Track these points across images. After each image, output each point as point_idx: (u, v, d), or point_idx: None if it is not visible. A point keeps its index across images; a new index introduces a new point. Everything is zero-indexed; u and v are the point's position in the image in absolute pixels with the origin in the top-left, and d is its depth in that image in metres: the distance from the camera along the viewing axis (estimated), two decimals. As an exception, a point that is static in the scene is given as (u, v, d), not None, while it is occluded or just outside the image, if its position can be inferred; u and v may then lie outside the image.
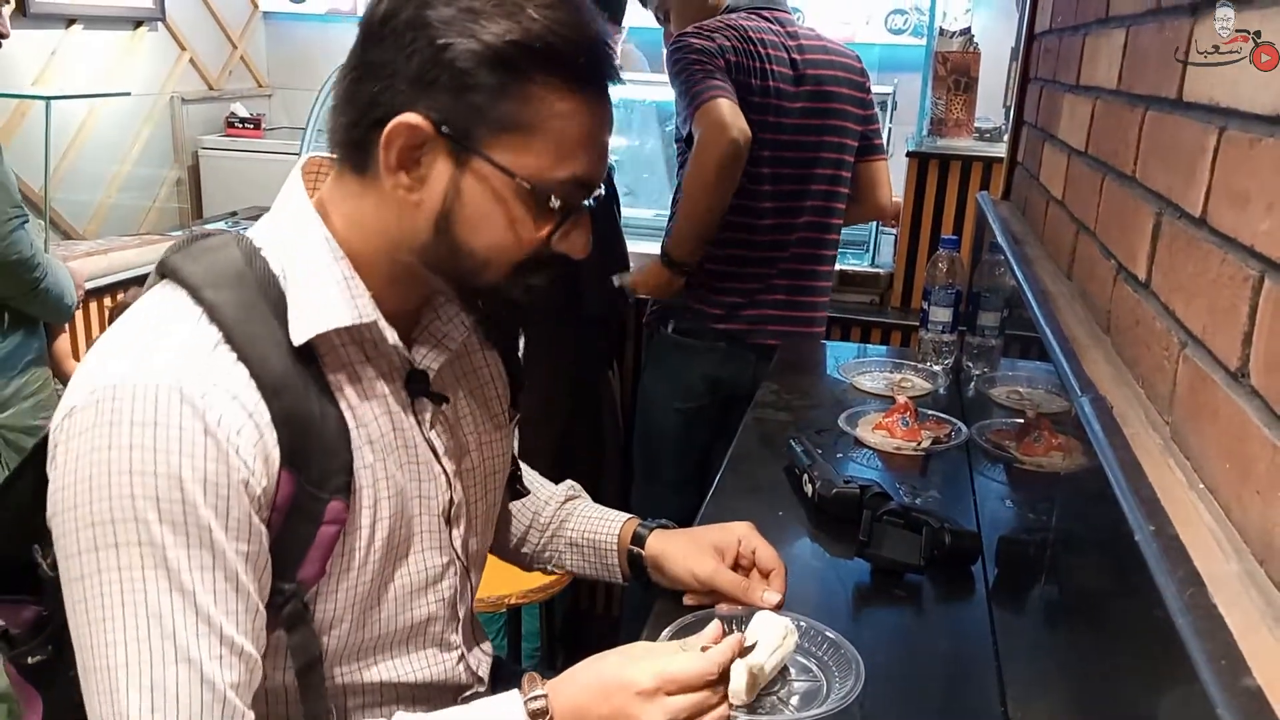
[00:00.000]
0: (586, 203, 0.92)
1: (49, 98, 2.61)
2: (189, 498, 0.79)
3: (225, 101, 4.07)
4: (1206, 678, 0.50)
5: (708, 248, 2.29)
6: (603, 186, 0.93)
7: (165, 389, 0.79)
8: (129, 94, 3.38)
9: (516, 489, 1.22)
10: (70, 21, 3.25)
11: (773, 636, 1.03)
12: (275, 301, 0.86)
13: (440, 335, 1.00)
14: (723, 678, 0.95)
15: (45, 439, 0.89)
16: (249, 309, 0.84)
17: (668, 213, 2.42)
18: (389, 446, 0.94)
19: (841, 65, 2.34)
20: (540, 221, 0.89)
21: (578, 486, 1.32)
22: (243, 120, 3.98)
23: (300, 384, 0.85)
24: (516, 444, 1.19)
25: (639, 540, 1.21)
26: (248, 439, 0.81)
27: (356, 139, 0.88)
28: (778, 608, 1.10)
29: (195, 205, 3.91)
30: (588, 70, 0.86)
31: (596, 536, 1.23)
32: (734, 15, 2.27)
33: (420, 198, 0.87)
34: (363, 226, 0.91)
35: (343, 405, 0.90)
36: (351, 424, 0.90)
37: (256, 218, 0.98)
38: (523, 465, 1.26)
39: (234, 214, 3.58)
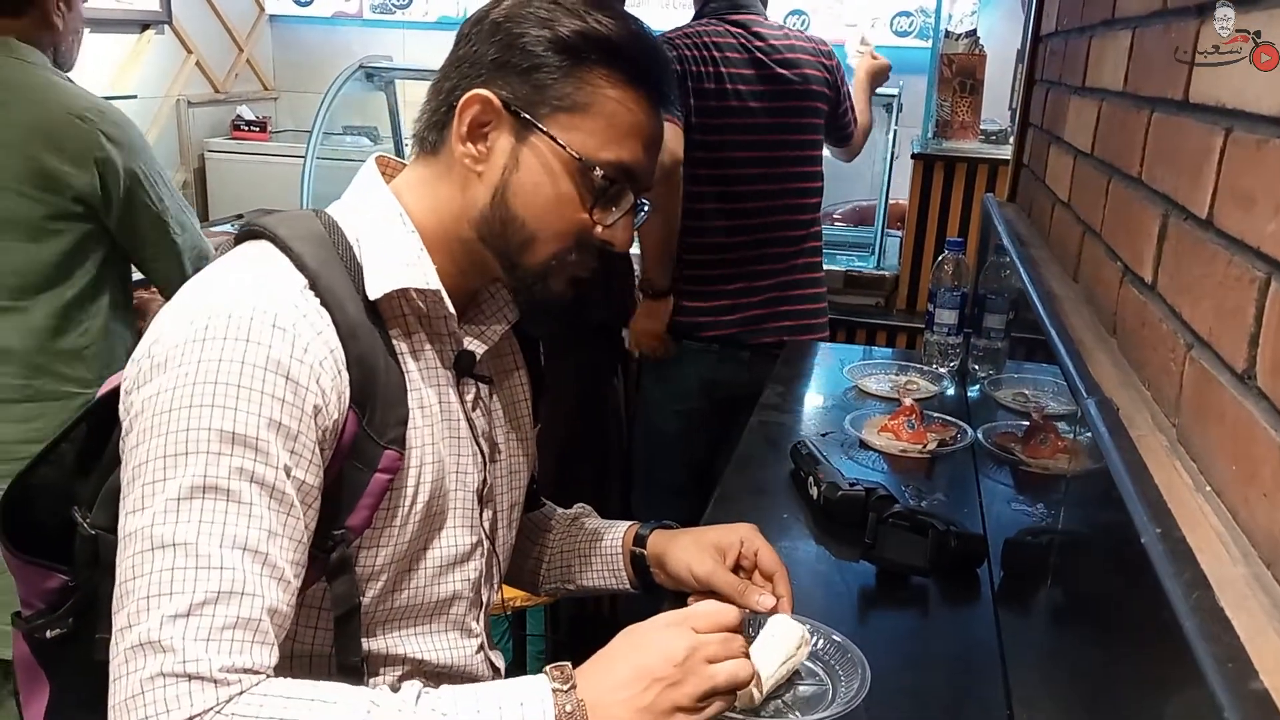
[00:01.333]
0: (637, 202, 0.99)
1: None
2: (264, 415, 0.82)
3: (231, 104, 4.08)
4: (1214, 681, 0.50)
5: (689, 252, 2.35)
6: None
7: (260, 312, 0.84)
8: (135, 97, 3.39)
9: (533, 498, 1.24)
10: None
11: (786, 645, 1.03)
12: (350, 265, 0.93)
13: (482, 329, 1.04)
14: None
15: (99, 402, 0.94)
16: (330, 264, 0.92)
17: None
18: (435, 416, 0.99)
19: (809, 62, 2.38)
20: (585, 198, 0.96)
21: (587, 507, 1.33)
22: (249, 123, 3.99)
23: (370, 335, 0.91)
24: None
25: (641, 541, 1.21)
26: (328, 371, 0.87)
27: (436, 121, 0.98)
28: (774, 611, 1.10)
29: (201, 208, 3.91)
30: (642, 68, 0.96)
31: (601, 544, 1.24)
32: (697, 23, 2.37)
33: (483, 169, 0.96)
34: (431, 201, 0.99)
35: (403, 366, 0.95)
36: (408, 385, 0.95)
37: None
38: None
39: (240, 216, 3.58)
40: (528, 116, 0.94)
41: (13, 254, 1.75)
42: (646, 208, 1.03)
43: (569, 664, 0.87)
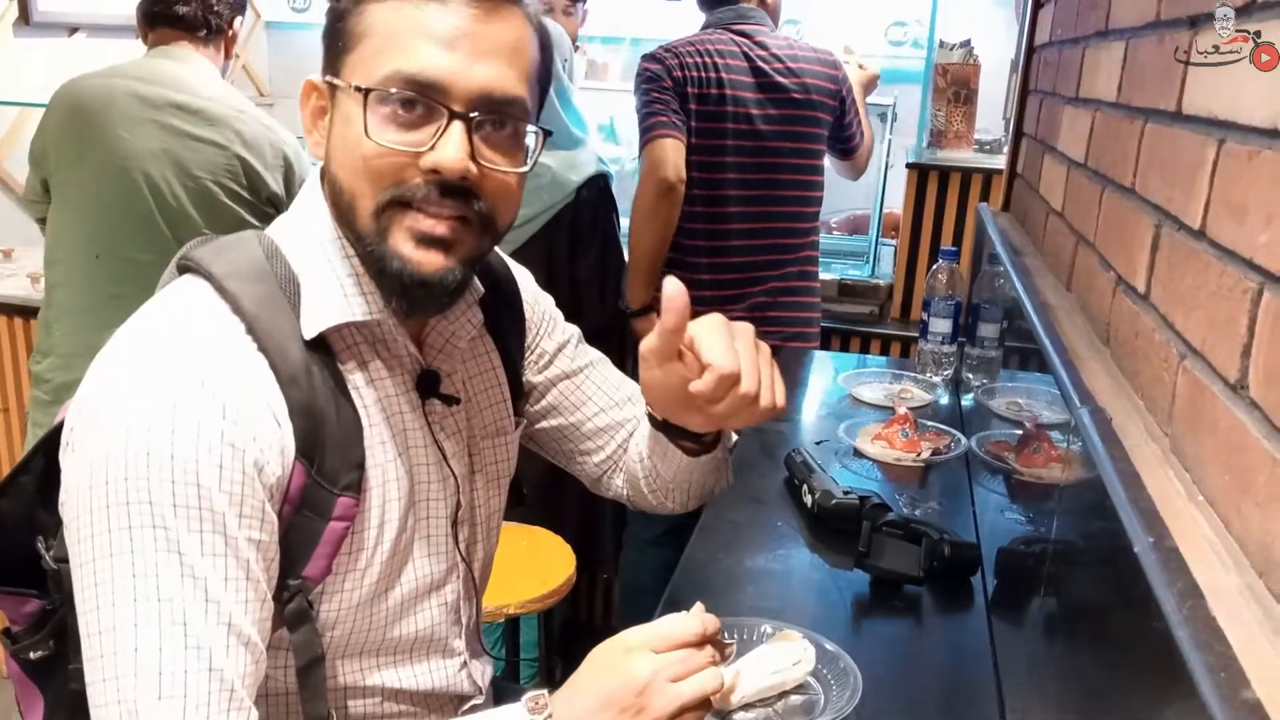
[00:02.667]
0: (451, 113, 0.85)
1: (51, 105, 2.61)
2: (204, 483, 0.79)
3: (227, 110, 4.07)
4: (1206, 690, 0.50)
5: (681, 257, 2.37)
6: (600, 191, 0.92)
7: (186, 374, 0.81)
8: (131, 102, 3.38)
9: (517, 496, 1.21)
10: (73, 30, 3.26)
11: (781, 658, 1.03)
12: (293, 297, 0.88)
13: (448, 335, 1.00)
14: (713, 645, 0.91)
15: (55, 431, 0.90)
16: (269, 303, 0.86)
17: None
18: (400, 448, 0.95)
19: (813, 72, 2.39)
20: (372, 125, 0.85)
21: (633, 402, 1.21)
22: (244, 129, 3.98)
23: (317, 378, 0.87)
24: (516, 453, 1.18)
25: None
26: (265, 428, 0.82)
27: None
28: (763, 404, 0.94)
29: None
30: None
31: (646, 440, 1.14)
32: (702, 32, 2.39)
33: (324, 152, 0.92)
34: (333, 213, 0.92)
35: (357, 404, 0.91)
36: (365, 423, 0.91)
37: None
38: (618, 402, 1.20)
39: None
40: (330, 79, 0.89)
41: None
42: (531, 133, 0.90)
43: (545, 692, 0.87)
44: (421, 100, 0.85)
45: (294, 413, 0.84)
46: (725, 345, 0.91)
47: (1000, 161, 2.52)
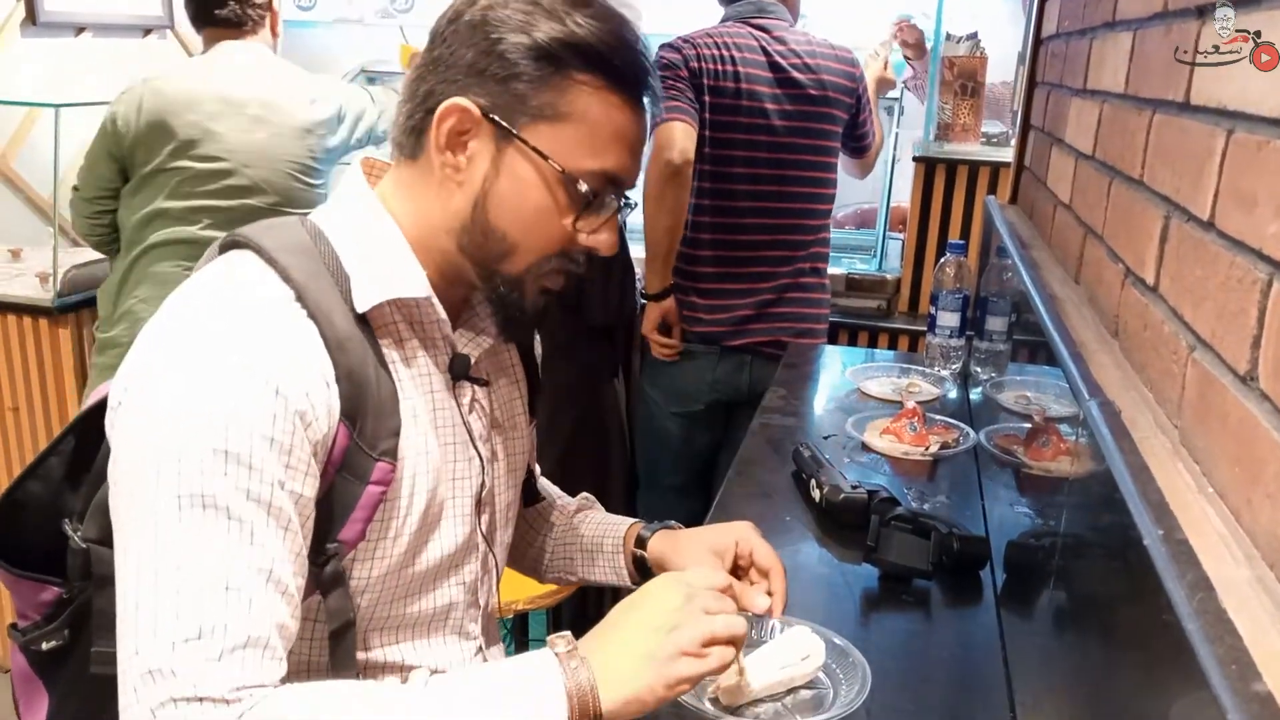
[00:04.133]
0: (619, 205, 0.97)
1: (58, 105, 2.61)
2: (258, 431, 0.81)
3: (233, 109, 4.08)
4: (1216, 683, 0.50)
5: (690, 250, 2.37)
6: None
7: (239, 333, 0.84)
8: (138, 101, 3.39)
9: (531, 494, 1.24)
10: (80, 30, 3.26)
11: (792, 653, 1.03)
12: (337, 275, 0.92)
13: (481, 327, 1.04)
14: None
15: (86, 413, 0.93)
16: (316, 276, 0.90)
17: None
18: (431, 424, 0.98)
19: (830, 69, 2.38)
20: (568, 208, 0.94)
21: (590, 498, 1.33)
22: (251, 127, 4.00)
23: (359, 346, 0.90)
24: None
25: (642, 543, 1.21)
26: (315, 387, 0.85)
27: (413, 126, 0.95)
28: (769, 613, 1.09)
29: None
30: (624, 71, 0.93)
31: (604, 542, 1.24)
32: (721, 25, 2.38)
33: (463, 178, 0.94)
34: (413, 206, 0.97)
35: (395, 377, 0.94)
36: (401, 395, 0.94)
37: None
38: (539, 476, 1.28)
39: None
40: (507, 126, 0.91)
41: None
42: (632, 205, 1.01)
43: (569, 634, 0.88)
44: (608, 194, 0.95)
45: (340, 377, 0.87)
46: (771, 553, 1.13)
47: (1008, 154, 2.51)
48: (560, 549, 1.27)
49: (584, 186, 0.92)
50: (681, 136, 2.22)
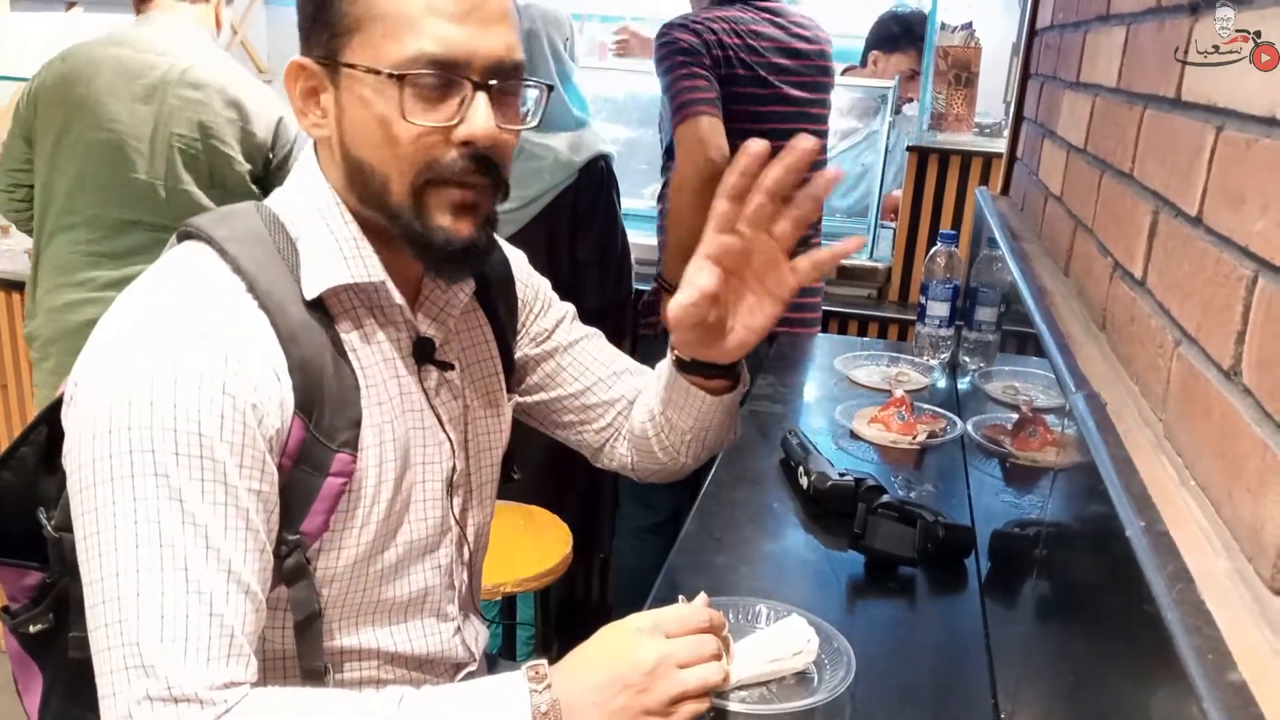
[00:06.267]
0: (475, 85, 0.89)
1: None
2: (205, 431, 0.81)
3: (225, 86, 4.05)
4: (1193, 672, 0.51)
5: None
6: (602, 172, 0.94)
7: (188, 328, 0.83)
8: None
9: (509, 473, 1.22)
10: (70, 4, 3.24)
11: (783, 646, 1.04)
12: (291, 262, 0.91)
13: (441, 304, 1.02)
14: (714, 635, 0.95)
15: (57, 401, 0.92)
16: (269, 265, 0.89)
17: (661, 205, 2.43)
18: (396, 410, 0.97)
19: (822, 52, 2.38)
20: (408, 108, 0.88)
21: (631, 374, 1.25)
22: (242, 105, 3.97)
23: (316, 337, 0.89)
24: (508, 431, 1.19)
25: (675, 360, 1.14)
26: (265, 381, 0.85)
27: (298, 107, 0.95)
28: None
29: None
30: None
31: (661, 392, 1.16)
32: (729, 8, 2.31)
33: (328, 131, 0.93)
34: (333, 183, 0.95)
35: (355, 365, 0.93)
36: (362, 384, 0.93)
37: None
38: (621, 375, 1.23)
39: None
40: (330, 60, 0.90)
41: None
42: (531, 87, 0.95)
43: (545, 662, 0.88)
44: (448, 77, 0.88)
45: (293, 369, 0.87)
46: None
47: (1000, 145, 2.52)
48: (662, 423, 1.18)
49: (406, 77, 0.87)
50: (714, 133, 2.14)
